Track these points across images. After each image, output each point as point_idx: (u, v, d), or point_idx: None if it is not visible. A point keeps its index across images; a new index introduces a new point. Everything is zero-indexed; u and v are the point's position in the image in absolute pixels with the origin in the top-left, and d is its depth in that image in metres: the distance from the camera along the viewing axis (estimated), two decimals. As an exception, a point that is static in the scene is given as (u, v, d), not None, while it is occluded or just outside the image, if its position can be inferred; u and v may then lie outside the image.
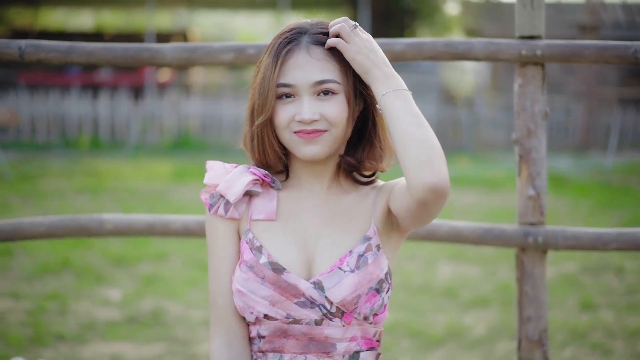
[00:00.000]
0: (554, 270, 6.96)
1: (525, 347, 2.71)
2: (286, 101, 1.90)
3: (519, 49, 2.59)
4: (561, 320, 5.55)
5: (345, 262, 1.90)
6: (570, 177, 13.10)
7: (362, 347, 1.96)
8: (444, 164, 1.78)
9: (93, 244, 7.53)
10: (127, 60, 2.59)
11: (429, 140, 1.79)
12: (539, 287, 2.69)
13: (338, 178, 2.02)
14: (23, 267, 6.76)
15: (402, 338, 5.26)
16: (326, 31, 1.94)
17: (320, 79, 1.88)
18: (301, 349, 1.92)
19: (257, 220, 1.97)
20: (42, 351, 4.83)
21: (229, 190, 1.93)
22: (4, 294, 5.99)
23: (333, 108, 1.89)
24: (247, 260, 1.93)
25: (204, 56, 2.61)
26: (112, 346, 4.99)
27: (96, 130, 16.87)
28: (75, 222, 2.75)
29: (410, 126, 1.80)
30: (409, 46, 2.61)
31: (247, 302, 1.91)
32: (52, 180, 11.82)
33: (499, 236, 2.71)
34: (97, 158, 14.46)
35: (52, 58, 2.55)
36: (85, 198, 10.25)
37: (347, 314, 1.91)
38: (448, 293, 6.27)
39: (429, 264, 7.23)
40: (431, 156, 1.77)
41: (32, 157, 14.54)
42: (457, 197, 10.85)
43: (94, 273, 6.65)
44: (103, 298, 5.98)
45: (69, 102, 16.89)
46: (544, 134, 2.62)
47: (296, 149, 1.91)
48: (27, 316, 5.51)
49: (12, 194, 10.38)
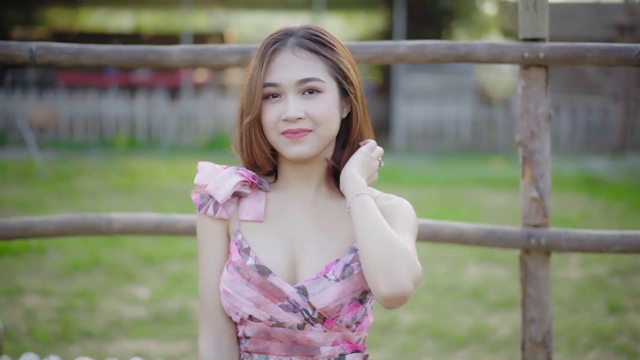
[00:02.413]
0: (582, 273, 6.92)
1: (529, 348, 2.71)
2: (273, 101, 1.94)
3: (522, 51, 2.58)
4: (587, 322, 5.52)
5: (331, 271, 1.92)
6: (605, 178, 12.96)
7: (346, 351, 1.98)
8: (403, 270, 1.75)
9: (124, 243, 7.63)
10: (134, 62, 2.64)
11: (388, 244, 1.77)
12: (542, 289, 2.69)
13: (327, 181, 2.04)
14: (55, 265, 6.87)
15: (425, 339, 5.26)
16: (313, 33, 1.96)
17: (304, 77, 1.91)
18: (285, 351, 1.95)
19: (246, 221, 2.00)
20: (68, 348, 4.91)
21: (217, 190, 1.97)
22: (34, 291, 6.09)
23: (318, 106, 1.92)
24: (234, 262, 1.96)
25: (209, 58, 2.65)
26: (137, 343, 5.05)
27: (133, 130, 17.06)
28: (85, 220, 2.81)
29: (366, 230, 1.82)
30: (411, 48, 2.62)
31: (233, 302, 1.94)
32: (87, 179, 11.97)
33: (502, 238, 2.72)
34: (133, 158, 14.60)
35: (62, 60, 2.61)
36: (119, 197, 10.36)
37: (329, 320, 1.93)
38: (474, 294, 6.26)
39: (457, 265, 7.21)
40: (387, 266, 1.75)
41: (69, 156, 14.73)
42: (489, 199, 10.81)
43: (124, 271, 6.73)
44: (131, 296, 6.06)
45: (107, 102, 17.09)
46: (547, 136, 2.62)
47: (283, 149, 1.94)
48: (56, 313, 5.60)
49: (47, 192, 10.53)
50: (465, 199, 10.61)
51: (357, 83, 1.99)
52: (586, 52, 2.56)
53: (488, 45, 2.62)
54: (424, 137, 17.36)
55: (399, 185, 11.71)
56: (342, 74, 1.95)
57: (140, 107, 17.00)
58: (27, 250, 7.29)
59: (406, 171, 13.53)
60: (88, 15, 27.16)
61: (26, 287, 6.17)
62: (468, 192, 11.19)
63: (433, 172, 13.66)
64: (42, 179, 11.69)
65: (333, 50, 1.95)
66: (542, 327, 2.70)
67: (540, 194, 2.65)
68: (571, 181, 12.49)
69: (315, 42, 1.94)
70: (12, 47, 2.66)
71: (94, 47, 2.65)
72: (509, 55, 2.59)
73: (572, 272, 6.97)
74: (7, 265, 6.80)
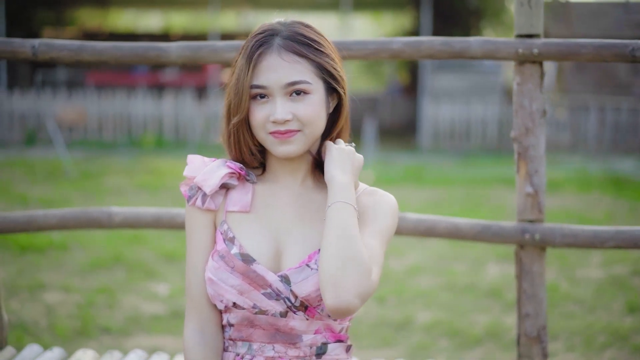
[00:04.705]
0: (603, 272, 6.89)
1: (524, 343, 2.72)
2: (261, 101, 1.97)
3: (516, 47, 2.59)
4: (605, 322, 5.50)
5: (314, 260, 1.95)
6: (632, 179, 12.86)
7: (329, 340, 2.02)
8: (352, 288, 1.80)
9: (146, 240, 7.71)
10: (134, 59, 2.69)
11: (343, 261, 1.82)
12: (537, 284, 2.69)
13: (312, 174, 2.08)
14: (77, 262, 6.95)
15: (440, 337, 5.27)
16: (298, 32, 1.99)
17: (291, 81, 1.94)
18: (268, 339, 2.00)
19: (232, 212, 2.04)
20: (86, 342, 4.97)
21: (205, 182, 2.02)
22: (56, 287, 6.18)
23: (305, 108, 1.95)
24: (219, 250, 2.00)
25: (208, 55, 2.69)
26: (154, 339, 5.11)
27: (161, 130, 17.18)
28: (86, 214, 2.86)
29: (329, 239, 1.86)
30: (406, 45, 2.64)
31: (217, 290, 1.98)
32: (114, 178, 12.08)
33: (497, 233, 2.73)
34: (161, 157, 14.71)
35: (64, 56, 2.66)
36: (145, 195, 10.46)
37: (311, 309, 1.96)
38: (492, 294, 6.25)
39: (476, 264, 7.21)
40: (337, 281, 1.81)
41: (97, 155, 14.88)
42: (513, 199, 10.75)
43: (145, 268, 6.80)
44: (151, 293, 6.12)
45: (135, 101, 17.23)
46: (542, 132, 2.62)
47: (271, 148, 1.98)
48: (76, 309, 5.67)
49: (73, 191, 10.65)
50: (488, 199, 10.58)
51: (342, 78, 2.03)
52: (580, 49, 2.56)
53: (482, 42, 2.63)
54: (451, 137, 17.31)
55: (423, 184, 11.70)
56: (329, 74, 1.99)
57: (168, 106, 17.13)
58: (51, 247, 7.39)
59: (430, 171, 13.51)
60: (118, 15, 27.38)
61: (48, 283, 6.26)
62: (492, 192, 11.15)
63: (458, 171, 13.63)
64: (69, 178, 11.82)
65: (318, 50, 1.98)
66: (537, 322, 2.70)
67: (535, 189, 2.66)
68: (598, 181, 12.41)
69: (301, 44, 1.96)
70: (15, 44, 2.72)
71: (94, 43, 2.70)
72: (503, 52, 2.60)
73: (592, 271, 6.93)
74: (31, 262, 6.90)
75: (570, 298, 6.08)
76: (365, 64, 26.90)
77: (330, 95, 2.03)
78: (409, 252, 7.60)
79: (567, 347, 5.05)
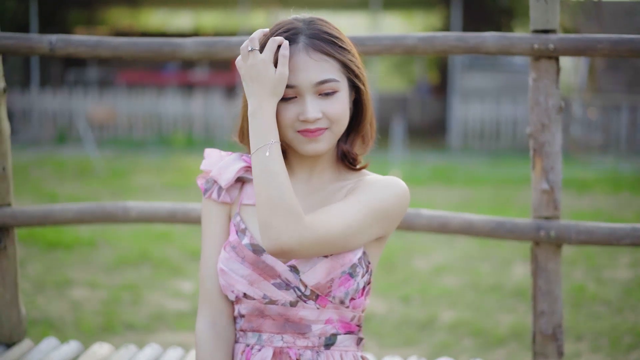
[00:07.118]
0: (632, 273, 6.82)
1: (539, 341, 2.70)
2: (289, 101, 1.95)
3: (532, 42, 2.56)
4: (631, 323, 5.44)
5: None
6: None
7: (339, 330, 2.02)
8: (283, 229, 1.83)
9: (173, 237, 7.75)
10: (150, 54, 2.70)
11: (272, 202, 1.84)
12: (553, 282, 2.67)
13: (329, 166, 2.08)
14: (104, 259, 7.01)
15: (464, 337, 5.25)
16: (322, 30, 1.98)
17: (321, 79, 1.93)
18: (278, 329, 2.01)
19: (247, 205, 2.06)
20: (110, 338, 5.01)
21: (221, 176, 2.05)
22: (83, 283, 6.23)
23: (334, 106, 1.95)
24: (231, 241, 2.02)
25: (222, 50, 2.69)
26: (177, 336, 5.14)
27: (190, 128, 17.27)
28: (102, 208, 2.88)
29: (258, 187, 1.87)
30: (420, 40, 2.62)
31: (228, 280, 2.00)
32: (143, 176, 12.16)
33: (511, 230, 2.71)
34: (190, 155, 14.78)
35: (81, 52, 2.68)
36: (172, 194, 10.51)
37: (322, 297, 1.97)
38: (518, 293, 6.21)
39: (502, 264, 7.16)
40: (271, 221, 1.83)
41: (127, 153, 14.98)
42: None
43: (171, 265, 6.84)
44: (176, 290, 6.16)
45: (165, 100, 17.34)
46: (558, 128, 2.59)
47: (298, 145, 1.97)
48: (102, 305, 5.72)
49: (102, 189, 10.74)
50: (516, 199, 10.51)
51: (363, 74, 2.02)
52: (596, 44, 2.53)
53: (497, 37, 2.60)
54: (480, 137, 17.23)
55: (452, 185, 11.65)
56: (352, 71, 1.98)
57: (198, 105, 17.21)
58: (79, 243, 7.45)
59: (459, 171, 13.46)
60: (149, 15, 27.54)
61: (75, 280, 6.31)
62: (521, 192, 11.07)
63: (487, 171, 13.56)
64: (99, 176, 11.92)
65: (342, 47, 1.97)
66: (552, 320, 2.68)
67: (551, 186, 2.63)
68: (629, 182, 12.29)
69: (327, 43, 1.95)
70: (33, 40, 2.74)
71: (111, 39, 2.71)
72: (518, 47, 2.57)
73: (620, 272, 6.87)
74: (58, 259, 6.96)
75: (597, 299, 6.03)
76: (394, 64, 26.84)
77: (351, 90, 2.02)
78: (435, 252, 7.58)
79: (593, 347, 5.00)
